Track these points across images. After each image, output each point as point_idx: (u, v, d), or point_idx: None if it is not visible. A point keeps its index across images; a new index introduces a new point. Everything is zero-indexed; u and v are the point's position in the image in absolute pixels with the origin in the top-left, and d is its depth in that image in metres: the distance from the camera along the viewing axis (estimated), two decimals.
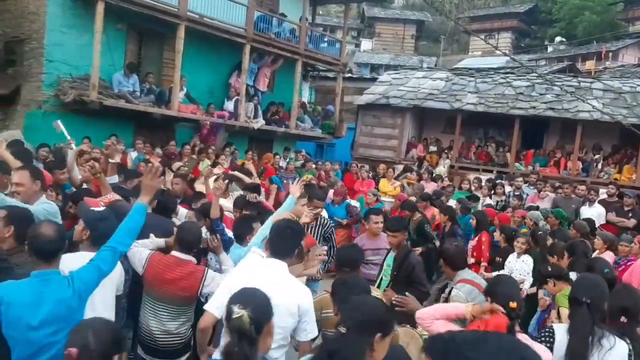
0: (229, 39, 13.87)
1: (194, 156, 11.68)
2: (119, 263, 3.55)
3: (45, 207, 4.22)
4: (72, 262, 3.21)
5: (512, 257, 7.06)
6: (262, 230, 4.12)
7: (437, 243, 8.03)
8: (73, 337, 2.30)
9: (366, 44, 51.55)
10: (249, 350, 2.32)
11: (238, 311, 2.35)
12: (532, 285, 6.57)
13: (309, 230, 6.13)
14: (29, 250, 2.97)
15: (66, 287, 2.94)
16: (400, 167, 14.48)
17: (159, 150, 11.72)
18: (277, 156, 13.54)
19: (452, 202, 9.89)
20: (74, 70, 11.98)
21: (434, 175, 13.38)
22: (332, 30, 38.09)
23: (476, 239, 8.00)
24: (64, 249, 3.07)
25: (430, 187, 12.11)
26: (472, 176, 13.05)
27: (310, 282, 5.23)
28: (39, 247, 2.92)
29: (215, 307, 3.18)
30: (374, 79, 21.01)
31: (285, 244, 3.35)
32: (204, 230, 4.76)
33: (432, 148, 16.79)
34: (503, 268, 7.05)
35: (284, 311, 3.10)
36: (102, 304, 3.43)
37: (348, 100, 19.69)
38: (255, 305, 2.40)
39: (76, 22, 11.92)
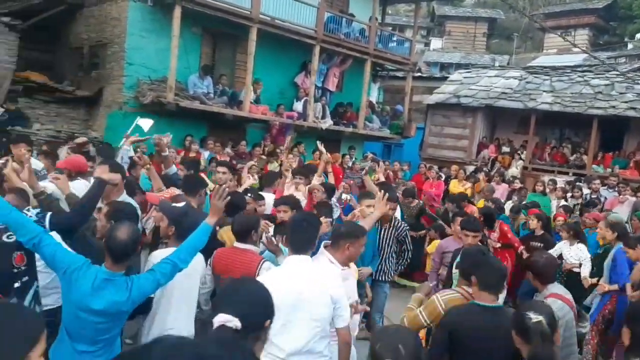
0: (298, 40, 14.06)
1: (264, 156, 11.92)
2: (201, 258, 3.73)
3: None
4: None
5: (563, 245, 7.33)
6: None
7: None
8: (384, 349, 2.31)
9: (436, 42, 50.77)
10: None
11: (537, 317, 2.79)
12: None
13: (383, 233, 6.10)
14: (104, 245, 3.14)
15: (124, 290, 3.07)
16: (471, 168, 14.19)
17: (229, 150, 12.06)
18: (346, 156, 13.60)
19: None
20: (153, 73, 12.50)
21: (505, 177, 13.03)
22: (401, 30, 37.79)
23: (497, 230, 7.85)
24: (135, 253, 3.22)
25: (501, 189, 11.82)
26: (546, 178, 12.61)
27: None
28: (112, 248, 3.08)
29: None
30: (444, 78, 20.68)
31: (303, 237, 3.35)
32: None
33: (505, 149, 16.34)
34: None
35: (317, 303, 3.17)
36: (181, 297, 3.62)
37: (417, 99, 19.49)
38: None
39: (155, 26, 12.43)
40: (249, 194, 5.75)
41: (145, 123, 8.18)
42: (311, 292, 3.17)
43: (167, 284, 3.33)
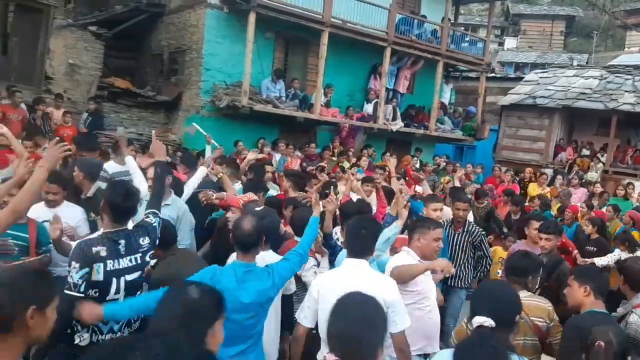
0: (369, 43, 14.09)
1: (334, 158, 12.02)
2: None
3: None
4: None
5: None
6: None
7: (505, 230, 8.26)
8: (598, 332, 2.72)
9: (510, 42, 49.28)
10: None
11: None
12: None
13: (456, 238, 6.02)
14: (233, 238, 3.32)
15: (266, 278, 3.24)
16: (546, 171, 13.72)
17: (299, 153, 12.24)
18: (415, 158, 13.51)
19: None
20: (228, 78, 12.89)
21: (584, 180, 12.52)
22: (473, 29, 36.97)
23: None
24: (260, 243, 3.37)
25: (579, 193, 11.38)
26: (628, 181, 12.02)
27: None
28: (239, 239, 3.25)
29: (303, 317, 3.38)
30: (519, 79, 20.11)
31: (361, 244, 3.39)
32: None
33: (585, 152, 15.69)
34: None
35: None
36: None
37: (491, 100, 19.05)
38: None
39: (230, 32, 12.82)
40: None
41: (193, 129, 8.51)
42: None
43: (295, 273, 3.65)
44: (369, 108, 14.75)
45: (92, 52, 13.18)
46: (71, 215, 4.29)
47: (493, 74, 20.96)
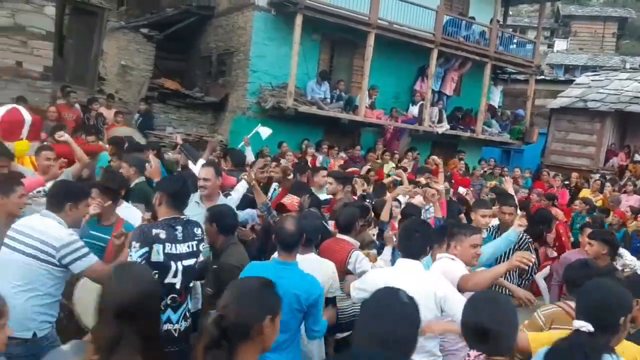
0: (415, 44, 13.98)
1: (378, 160, 11.99)
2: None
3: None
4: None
5: None
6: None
7: None
8: None
9: (560, 44, 48.06)
10: None
11: None
12: None
13: None
14: (276, 238, 3.39)
15: (302, 283, 3.27)
16: (597, 177, 13.32)
17: (343, 154, 12.25)
18: (462, 162, 13.32)
19: None
20: (274, 79, 13.02)
21: (637, 186, 12.09)
22: (522, 31, 36.21)
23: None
24: (301, 243, 3.46)
25: (632, 200, 10.98)
26: None
27: None
28: (281, 239, 3.35)
29: (354, 287, 3.52)
30: (569, 81, 19.63)
31: (414, 245, 3.42)
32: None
33: (637, 157, 15.17)
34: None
35: (421, 305, 3.16)
36: None
37: (540, 103, 18.64)
38: None
39: (277, 34, 12.95)
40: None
41: (265, 131, 8.59)
42: (417, 293, 3.18)
43: None
44: (414, 110, 14.64)
45: (143, 54, 13.54)
46: (132, 215, 4.40)
47: (542, 77, 20.49)
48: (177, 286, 3.35)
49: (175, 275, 3.33)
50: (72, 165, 5.70)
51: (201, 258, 3.59)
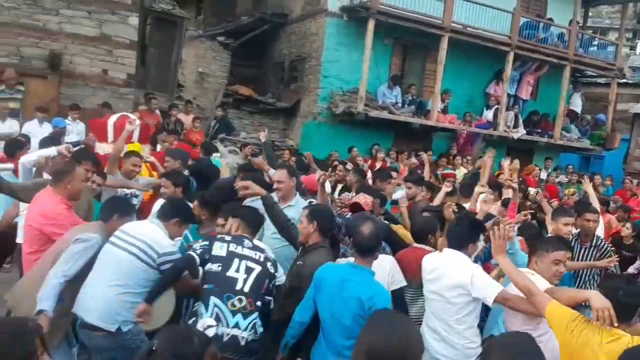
0: (490, 47, 13.66)
1: (449, 166, 11.77)
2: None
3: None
4: None
5: None
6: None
7: None
8: None
9: None
10: None
11: None
12: None
13: (583, 252, 5.59)
14: (351, 242, 3.40)
15: (368, 289, 3.18)
16: None
17: (413, 159, 12.09)
18: (538, 168, 12.87)
19: None
20: (345, 85, 13.08)
21: None
22: (603, 33, 34.59)
23: None
24: (379, 248, 3.40)
25: None
26: None
27: None
28: (357, 242, 3.32)
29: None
30: None
31: (458, 237, 3.59)
32: None
33: None
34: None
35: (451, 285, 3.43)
36: None
37: (622, 108, 17.76)
38: None
39: (348, 40, 13.01)
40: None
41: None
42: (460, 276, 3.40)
43: None
44: (489, 114, 14.30)
45: (219, 61, 13.97)
46: None
47: (625, 80, 19.50)
48: (241, 284, 3.38)
49: (237, 270, 3.42)
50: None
51: (279, 276, 3.66)
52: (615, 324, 2.66)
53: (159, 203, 4.93)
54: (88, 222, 4.01)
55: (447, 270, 3.48)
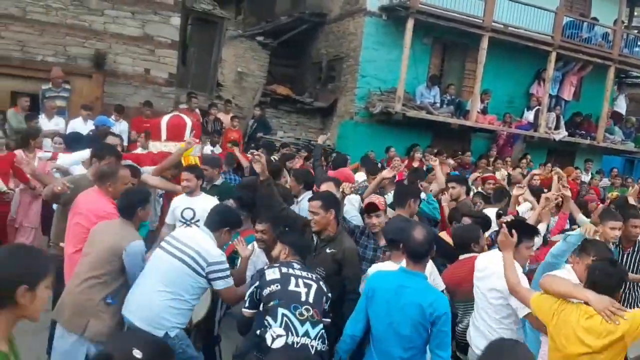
0: (532, 47, 13.42)
1: (490, 167, 11.59)
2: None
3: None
4: None
5: None
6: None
7: None
8: None
9: None
10: None
11: None
12: None
13: (625, 258, 5.41)
14: (403, 248, 3.30)
15: (427, 294, 3.10)
16: None
17: (451, 161, 11.94)
18: (578, 170, 12.55)
19: None
20: (383, 84, 13.04)
21: None
22: None
23: None
24: (431, 254, 3.31)
25: None
26: None
27: None
28: (410, 248, 3.20)
29: None
30: None
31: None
32: None
33: None
34: None
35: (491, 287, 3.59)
36: None
37: None
38: None
39: (387, 39, 12.96)
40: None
41: None
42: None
43: None
44: (529, 115, 14.04)
45: (258, 61, 14.11)
46: (209, 206, 4.62)
47: None
48: (304, 297, 3.33)
49: (297, 286, 3.37)
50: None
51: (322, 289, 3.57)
52: (625, 318, 2.76)
53: (180, 199, 5.10)
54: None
55: (494, 271, 3.54)
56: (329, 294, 3.52)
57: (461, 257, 4.28)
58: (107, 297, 3.55)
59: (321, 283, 3.50)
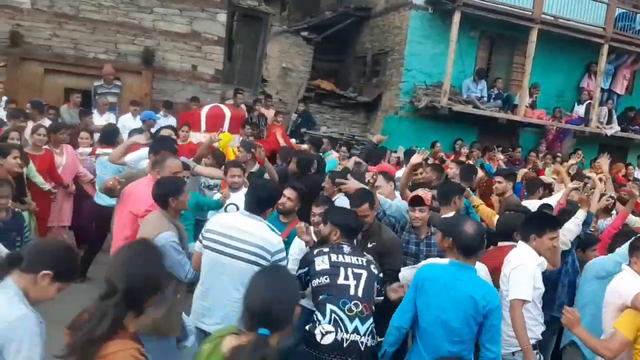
0: (583, 40, 13.04)
1: (539, 162, 11.31)
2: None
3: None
4: None
5: None
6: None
7: None
8: None
9: None
10: None
11: None
12: None
13: None
14: (453, 242, 3.21)
15: (480, 287, 3.08)
16: None
17: (501, 156, 11.69)
18: (630, 166, 12.12)
19: None
20: (428, 78, 12.89)
21: None
22: None
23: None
24: (482, 248, 3.30)
25: None
26: None
27: None
28: (461, 242, 3.15)
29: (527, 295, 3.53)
30: None
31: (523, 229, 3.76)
32: None
33: None
34: None
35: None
36: None
37: None
38: None
39: (433, 33, 12.80)
40: None
41: None
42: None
43: None
44: (580, 110, 13.65)
45: (302, 56, 14.15)
46: None
47: None
48: (353, 290, 3.28)
49: (346, 279, 3.31)
50: None
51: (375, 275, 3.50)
52: None
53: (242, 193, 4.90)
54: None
55: (509, 260, 3.66)
56: (381, 274, 3.53)
57: (500, 243, 4.23)
58: None
59: (372, 267, 3.46)
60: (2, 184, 4.29)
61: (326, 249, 3.45)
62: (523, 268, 3.49)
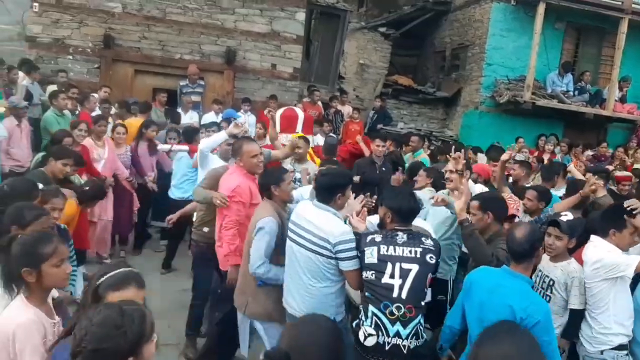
0: None
1: (627, 159, 10.73)
2: None
3: None
4: None
5: None
6: None
7: None
8: None
9: None
10: None
11: None
12: None
13: None
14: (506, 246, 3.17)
15: (522, 298, 2.90)
16: None
17: (589, 152, 11.21)
18: None
19: None
20: (510, 72, 12.52)
21: None
22: None
23: None
24: (535, 254, 3.08)
25: None
26: None
27: None
28: (509, 247, 3.08)
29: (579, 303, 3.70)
30: None
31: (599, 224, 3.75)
32: None
33: None
34: None
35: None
36: None
37: None
38: None
39: (515, 25, 12.41)
40: None
41: None
42: None
43: None
44: None
45: (380, 52, 14.12)
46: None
47: None
48: (397, 291, 3.16)
49: (392, 277, 3.18)
50: None
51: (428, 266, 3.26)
52: None
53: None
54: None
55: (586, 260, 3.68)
56: (436, 264, 3.26)
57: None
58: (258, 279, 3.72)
59: (427, 257, 3.21)
60: (57, 194, 3.99)
61: (378, 238, 3.27)
62: (613, 253, 3.53)
